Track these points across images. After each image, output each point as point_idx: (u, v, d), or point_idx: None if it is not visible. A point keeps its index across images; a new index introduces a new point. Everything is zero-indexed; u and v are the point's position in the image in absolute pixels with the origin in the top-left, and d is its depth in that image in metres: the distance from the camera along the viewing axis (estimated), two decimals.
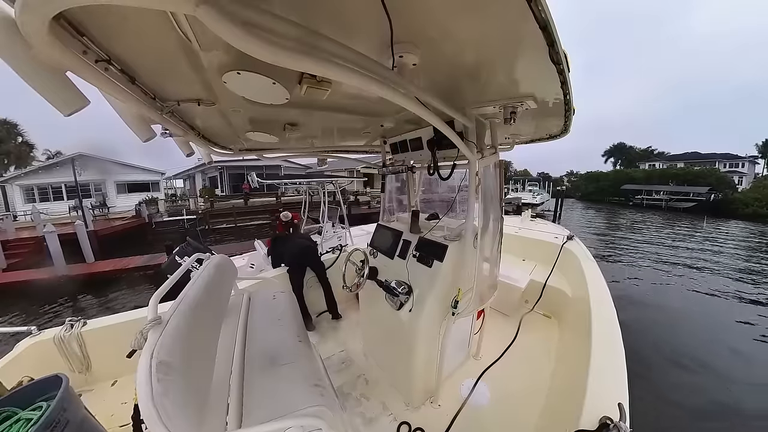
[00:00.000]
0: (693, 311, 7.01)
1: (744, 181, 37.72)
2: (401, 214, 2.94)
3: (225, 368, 1.43)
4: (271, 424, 1.00)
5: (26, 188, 20.23)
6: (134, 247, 11.70)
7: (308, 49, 0.75)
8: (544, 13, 0.76)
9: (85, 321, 2.22)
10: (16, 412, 1.22)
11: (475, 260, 1.85)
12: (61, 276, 8.72)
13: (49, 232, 8.87)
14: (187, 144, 2.03)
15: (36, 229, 12.27)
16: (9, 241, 10.94)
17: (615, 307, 2.17)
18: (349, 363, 2.59)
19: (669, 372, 4.57)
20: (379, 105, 1.73)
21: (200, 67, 1.09)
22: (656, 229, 19.31)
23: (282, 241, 3.64)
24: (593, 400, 1.32)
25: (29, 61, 0.85)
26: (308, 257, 3.32)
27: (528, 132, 2.36)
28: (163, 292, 1.27)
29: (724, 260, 11.68)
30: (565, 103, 1.48)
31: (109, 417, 1.80)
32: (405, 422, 1.94)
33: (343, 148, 3.16)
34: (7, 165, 25.11)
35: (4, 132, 25.14)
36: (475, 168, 1.72)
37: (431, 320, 1.90)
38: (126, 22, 0.84)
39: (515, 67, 1.17)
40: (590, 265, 3.06)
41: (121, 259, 9.90)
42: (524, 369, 2.40)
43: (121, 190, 22.46)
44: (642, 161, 51.28)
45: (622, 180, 40.10)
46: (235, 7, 0.63)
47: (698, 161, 42.09)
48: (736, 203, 26.78)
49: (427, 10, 0.81)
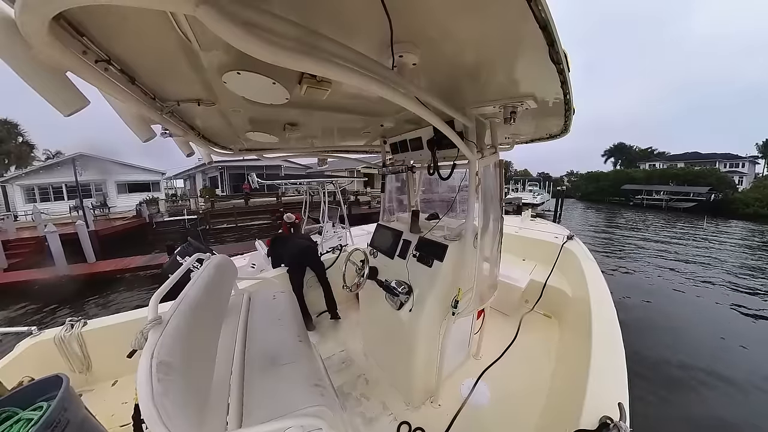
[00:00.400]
0: (694, 310, 7.02)
1: (744, 181, 37.66)
2: (401, 214, 2.94)
3: (225, 368, 1.43)
4: (271, 424, 1.00)
5: (27, 188, 20.27)
6: (135, 247, 11.69)
7: (308, 49, 0.75)
8: (544, 13, 0.75)
9: (86, 321, 2.22)
10: (16, 412, 1.22)
11: (475, 260, 1.85)
12: (63, 276, 8.72)
13: (51, 232, 8.89)
14: (187, 144, 2.03)
15: (37, 229, 12.26)
16: (10, 241, 10.97)
17: (615, 307, 2.17)
18: (349, 363, 2.59)
19: (669, 371, 4.58)
20: (379, 105, 1.73)
21: (200, 67, 1.09)
22: (656, 229, 19.30)
23: (282, 242, 3.64)
24: (593, 400, 1.32)
25: (29, 61, 0.85)
26: (308, 257, 3.32)
27: (528, 132, 2.35)
28: (163, 292, 1.27)
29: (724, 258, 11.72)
30: (565, 103, 1.48)
31: (109, 417, 1.80)
32: (405, 422, 1.94)
33: (343, 148, 3.16)
34: (8, 165, 25.13)
35: (4, 132, 25.17)
36: (475, 168, 1.72)
37: (431, 320, 1.90)
38: (126, 22, 0.84)
39: (515, 66, 1.16)
40: (590, 265, 3.06)
41: (122, 259, 9.90)
42: (524, 369, 2.40)
43: (121, 190, 22.48)
44: (642, 161, 51.19)
45: (623, 180, 40.07)
46: (235, 7, 0.63)
47: (699, 161, 42.00)
48: (736, 203, 26.73)
49: (427, 10, 0.81)
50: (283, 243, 3.59)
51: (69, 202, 18.94)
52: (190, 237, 5.03)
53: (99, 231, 12.10)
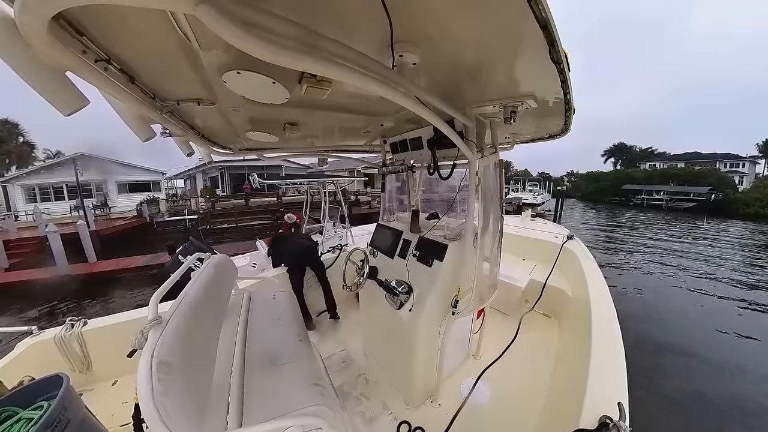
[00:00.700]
0: (695, 309, 7.04)
1: (745, 181, 37.60)
2: (401, 213, 2.94)
3: (225, 368, 1.43)
4: (271, 424, 1.00)
5: (27, 188, 20.31)
6: (136, 247, 11.72)
7: (308, 49, 0.75)
8: (544, 12, 0.75)
9: (86, 321, 2.22)
10: (17, 411, 1.22)
11: (475, 260, 1.85)
12: (64, 275, 8.76)
13: (52, 231, 8.94)
14: (187, 144, 2.03)
15: (38, 228, 12.32)
16: (11, 241, 11.02)
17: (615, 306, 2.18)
18: (349, 362, 2.59)
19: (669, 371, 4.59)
20: (379, 104, 1.73)
21: (200, 66, 1.09)
22: (656, 228, 19.29)
23: (282, 241, 3.63)
24: (593, 400, 1.32)
25: (29, 61, 0.85)
26: (308, 257, 3.32)
27: (528, 131, 2.35)
28: (163, 292, 1.27)
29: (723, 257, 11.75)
30: (566, 103, 1.48)
31: (109, 416, 1.81)
32: (405, 421, 1.94)
33: (343, 148, 3.16)
34: (9, 165, 25.17)
35: (5, 132, 25.23)
36: (475, 167, 1.72)
37: (431, 320, 1.90)
38: (125, 21, 0.84)
39: (515, 66, 1.16)
40: (590, 265, 3.06)
41: (123, 259, 9.93)
42: (524, 368, 2.41)
43: (122, 190, 22.54)
44: (642, 161, 51.08)
45: (623, 180, 40.02)
46: (235, 7, 0.63)
47: (699, 161, 41.91)
48: (736, 203, 26.69)
49: (427, 10, 0.81)
50: (283, 243, 3.59)
51: (69, 202, 19.02)
52: (192, 237, 5.03)
53: (100, 231, 12.14)
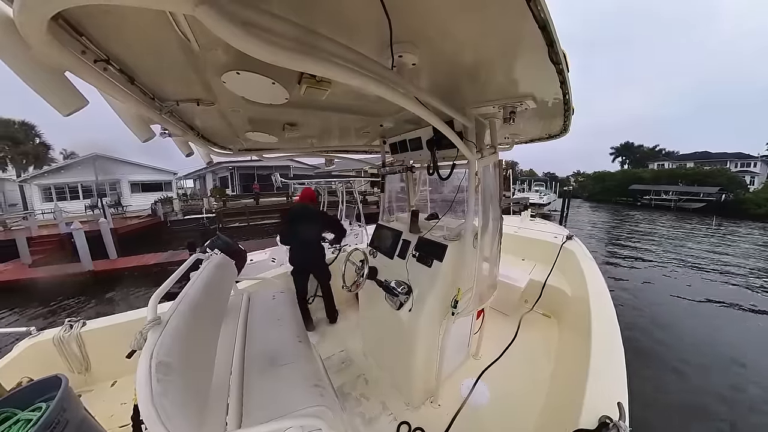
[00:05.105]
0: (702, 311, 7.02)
1: (756, 181, 36.53)
2: (401, 213, 2.94)
3: (225, 368, 1.43)
4: (270, 425, 1.00)
5: (44, 188, 20.75)
6: (151, 246, 11.88)
7: (308, 49, 0.75)
8: (543, 13, 0.76)
9: (85, 321, 2.22)
10: (15, 412, 1.22)
11: (474, 260, 1.85)
12: (88, 272, 9.07)
13: (77, 229, 9.13)
14: (186, 144, 2.03)
15: (57, 226, 12.61)
16: (33, 238, 11.31)
17: (615, 307, 2.18)
18: (348, 363, 2.59)
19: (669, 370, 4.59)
20: (379, 105, 1.73)
21: (199, 67, 1.09)
22: (665, 229, 19.07)
23: (298, 217, 3.09)
24: (593, 400, 1.32)
25: (28, 61, 0.85)
26: (313, 263, 3.16)
27: (527, 131, 2.36)
28: (162, 293, 1.26)
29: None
30: (565, 103, 1.48)
31: (108, 417, 1.80)
32: (405, 422, 1.94)
33: (342, 148, 3.15)
34: (26, 165, 25.45)
35: (22, 133, 25.50)
36: (475, 168, 1.72)
37: (431, 320, 1.90)
38: (125, 22, 0.84)
39: (514, 66, 1.16)
40: (589, 265, 3.07)
41: (143, 256, 10.18)
42: (524, 369, 2.41)
43: (134, 190, 22.92)
44: (650, 161, 49.87)
45: (630, 180, 39.17)
46: (235, 7, 0.63)
47: (708, 161, 40.82)
48: (747, 203, 26.06)
49: (426, 10, 0.81)
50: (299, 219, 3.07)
51: (84, 201, 19.55)
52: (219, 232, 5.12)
53: (116, 229, 12.31)
